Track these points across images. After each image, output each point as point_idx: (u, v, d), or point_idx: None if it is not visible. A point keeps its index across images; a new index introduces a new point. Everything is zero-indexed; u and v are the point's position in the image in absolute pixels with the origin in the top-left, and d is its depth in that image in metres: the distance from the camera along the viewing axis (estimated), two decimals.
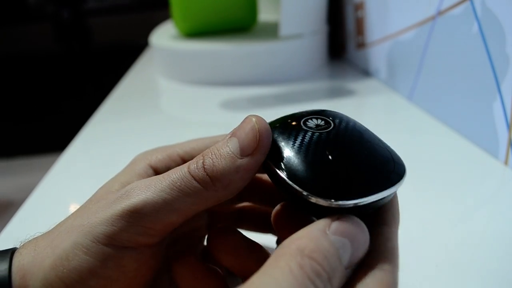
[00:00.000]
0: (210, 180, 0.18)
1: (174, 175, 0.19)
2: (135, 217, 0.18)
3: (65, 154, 0.45)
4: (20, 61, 2.99)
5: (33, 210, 0.35)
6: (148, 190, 0.19)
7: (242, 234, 0.22)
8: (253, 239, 0.23)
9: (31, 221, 0.34)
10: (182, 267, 0.21)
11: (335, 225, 0.16)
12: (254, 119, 0.19)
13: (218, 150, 0.19)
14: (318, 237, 0.16)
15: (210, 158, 0.19)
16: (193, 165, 0.19)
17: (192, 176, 0.19)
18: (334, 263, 0.16)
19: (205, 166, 0.19)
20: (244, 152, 0.19)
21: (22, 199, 0.37)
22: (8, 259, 0.19)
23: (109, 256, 0.18)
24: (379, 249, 0.18)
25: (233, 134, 0.19)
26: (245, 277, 0.21)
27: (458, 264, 0.26)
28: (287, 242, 0.16)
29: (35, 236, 0.20)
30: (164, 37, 0.70)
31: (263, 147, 0.19)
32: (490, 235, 0.28)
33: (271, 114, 0.22)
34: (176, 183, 0.19)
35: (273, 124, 0.21)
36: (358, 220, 0.17)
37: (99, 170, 0.42)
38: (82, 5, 3.04)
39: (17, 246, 0.20)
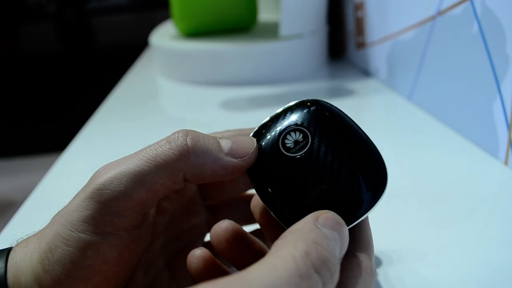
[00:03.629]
0: (187, 149, 0.19)
1: (147, 148, 0.19)
2: (105, 195, 0.18)
3: (65, 154, 0.45)
4: (20, 61, 2.99)
5: (33, 210, 0.35)
6: (118, 167, 0.19)
7: (244, 230, 0.23)
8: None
9: (31, 221, 0.34)
10: (196, 258, 0.21)
11: (323, 219, 0.17)
12: (255, 141, 0.21)
13: (208, 136, 0.20)
14: (314, 229, 0.16)
15: (197, 134, 0.19)
16: (174, 135, 0.19)
17: (169, 143, 0.19)
18: (335, 253, 0.16)
19: (188, 137, 0.19)
20: (231, 153, 0.20)
21: (22, 199, 0.37)
22: (4, 258, 0.19)
23: (89, 244, 0.18)
24: (355, 238, 0.19)
25: (230, 138, 0.20)
26: None
27: (458, 264, 0.26)
28: (287, 233, 0.16)
29: (30, 235, 0.21)
30: (164, 37, 0.70)
31: (247, 161, 0.20)
32: (490, 235, 0.28)
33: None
34: (148, 154, 0.19)
35: (256, 135, 0.21)
36: (339, 216, 0.18)
37: None
38: (85, 5, 3.03)
39: (13, 245, 0.20)
